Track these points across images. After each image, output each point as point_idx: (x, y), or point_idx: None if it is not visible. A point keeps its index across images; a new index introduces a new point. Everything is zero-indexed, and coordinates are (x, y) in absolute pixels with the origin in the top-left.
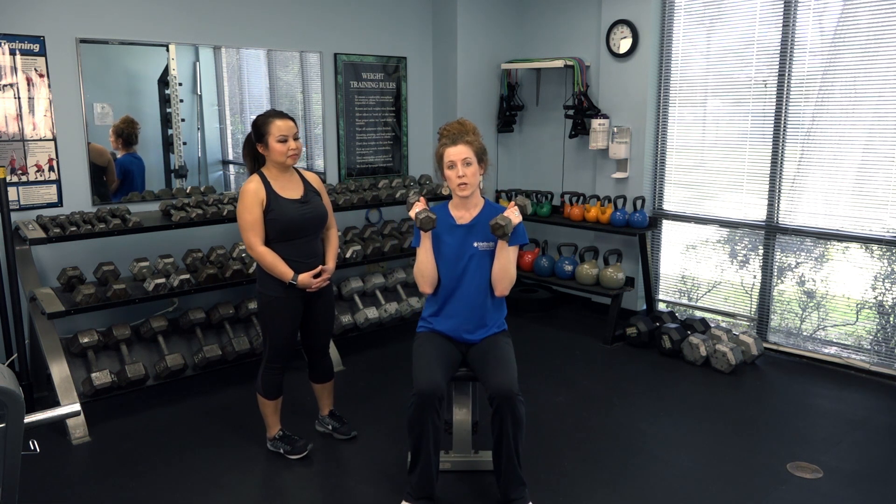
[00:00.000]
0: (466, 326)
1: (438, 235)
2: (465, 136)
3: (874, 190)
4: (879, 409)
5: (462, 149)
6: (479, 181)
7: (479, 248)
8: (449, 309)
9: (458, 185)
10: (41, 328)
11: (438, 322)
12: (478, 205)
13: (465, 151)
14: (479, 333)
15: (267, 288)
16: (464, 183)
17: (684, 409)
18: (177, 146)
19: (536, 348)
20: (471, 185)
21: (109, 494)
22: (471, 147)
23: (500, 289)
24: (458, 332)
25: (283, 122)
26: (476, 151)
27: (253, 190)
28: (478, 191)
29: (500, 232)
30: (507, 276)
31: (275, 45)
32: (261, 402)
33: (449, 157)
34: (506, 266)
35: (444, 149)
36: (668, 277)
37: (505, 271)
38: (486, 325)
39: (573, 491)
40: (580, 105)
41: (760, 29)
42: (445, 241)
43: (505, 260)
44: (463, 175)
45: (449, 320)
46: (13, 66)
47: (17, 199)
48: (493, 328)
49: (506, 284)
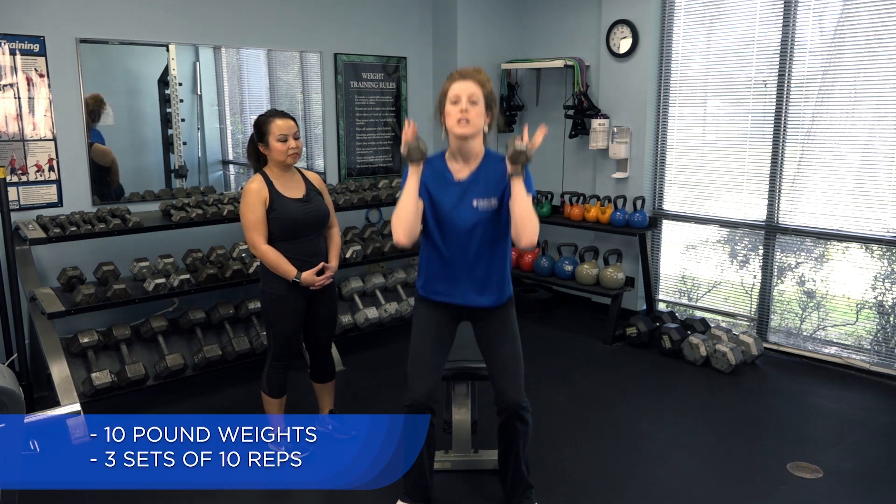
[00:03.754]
0: (467, 292)
1: (431, 192)
2: (479, 77)
3: (874, 190)
4: (879, 409)
5: (470, 85)
6: (484, 129)
7: (480, 208)
8: (448, 273)
9: (456, 122)
10: (41, 328)
11: (437, 287)
12: (478, 156)
13: (474, 88)
14: (482, 299)
15: (270, 287)
16: (465, 119)
17: (684, 409)
18: (177, 146)
19: (537, 348)
20: (473, 124)
21: (110, 494)
22: (481, 87)
23: (528, 237)
24: (458, 298)
25: (283, 121)
26: (486, 95)
27: (256, 189)
28: (480, 140)
29: (524, 158)
30: (531, 221)
31: (275, 46)
32: (265, 401)
33: (454, 90)
34: (528, 209)
35: (449, 83)
36: (669, 277)
37: (528, 215)
38: (488, 289)
39: (573, 491)
40: (580, 105)
41: (760, 29)
42: (440, 198)
43: (526, 201)
44: (466, 110)
45: (449, 285)
46: (13, 66)
47: (17, 199)
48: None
49: (531, 230)
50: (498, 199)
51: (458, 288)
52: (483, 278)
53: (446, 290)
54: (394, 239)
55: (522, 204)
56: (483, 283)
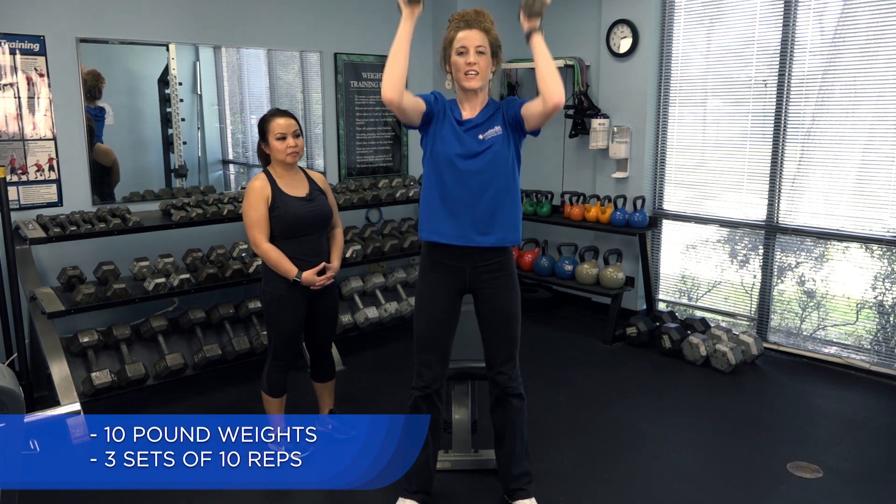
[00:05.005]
0: (469, 230)
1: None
2: (483, 23)
3: (874, 190)
4: (879, 409)
5: (477, 34)
6: (489, 78)
7: (487, 139)
8: (451, 207)
9: (465, 74)
10: (41, 328)
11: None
12: (483, 101)
13: (480, 38)
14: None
15: (271, 286)
16: (474, 71)
17: (684, 408)
18: (177, 146)
19: (536, 348)
20: (482, 75)
21: (110, 494)
22: (487, 35)
23: (555, 89)
24: (460, 238)
25: (282, 119)
26: (492, 42)
27: (258, 187)
28: (486, 89)
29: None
30: (554, 74)
31: (275, 45)
32: (265, 400)
33: (460, 41)
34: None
35: (455, 32)
36: (668, 277)
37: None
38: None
39: (573, 490)
40: (580, 105)
41: (760, 29)
42: (443, 132)
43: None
44: (475, 62)
45: (450, 221)
46: (13, 66)
47: (17, 198)
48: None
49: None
50: (502, 129)
51: (459, 226)
52: (487, 216)
53: (446, 231)
54: (382, 95)
55: (546, 59)
56: (487, 223)
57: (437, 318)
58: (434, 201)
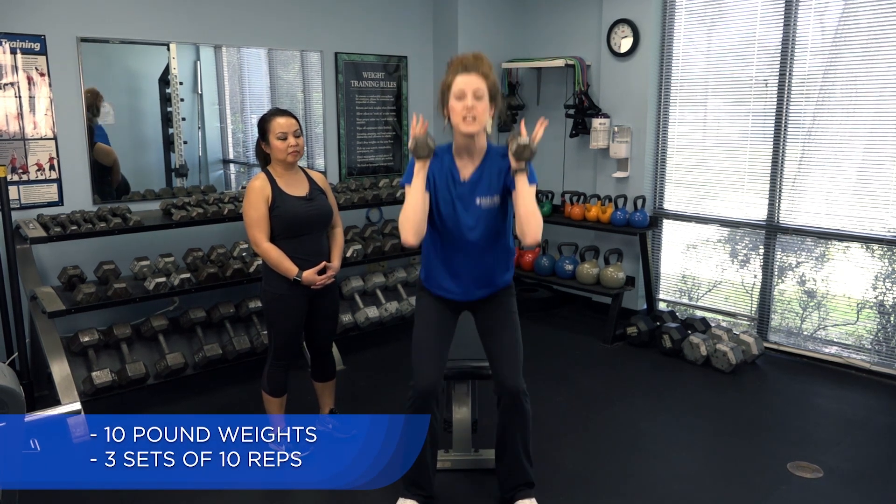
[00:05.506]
0: (469, 286)
1: (438, 189)
2: (481, 68)
3: (875, 189)
4: (880, 409)
5: (476, 79)
6: (488, 124)
7: (483, 206)
8: (452, 268)
9: (463, 119)
10: (42, 327)
11: (441, 280)
12: (481, 151)
13: (479, 83)
14: (482, 291)
15: (272, 285)
16: (472, 116)
17: (685, 408)
18: (177, 145)
19: (537, 348)
20: (479, 120)
21: (110, 494)
22: (485, 80)
23: (532, 234)
24: (462, 294)
25: (283, 119)
26: (490, 87)
27: (258, 187)
28: (484, 134)
29: (528, 153)
30: (535, 218)
31: (275, 45)
32: (266, 400)
33: (459, 85)
34: (532, 206)
35: (453, 77)
36: (669, 277)
37: (532, 212)
38: (492, 284)
39: (573, 490)
40: (581, 104)
41: (761, 28)
42: (445, 197)
43: (530, 199)
44: (472, 107)
45: (452, 280)
46: (14, 65)
47: (17, 198)
48: (498, 283)
49: (534, 227)
50: (500, 196)
51: (460, 284)
52: (485, 273)
53: (449, 287)
54: (402, 239)
55: (527, 202)
56: (485, 278)
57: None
58: (436, 261)
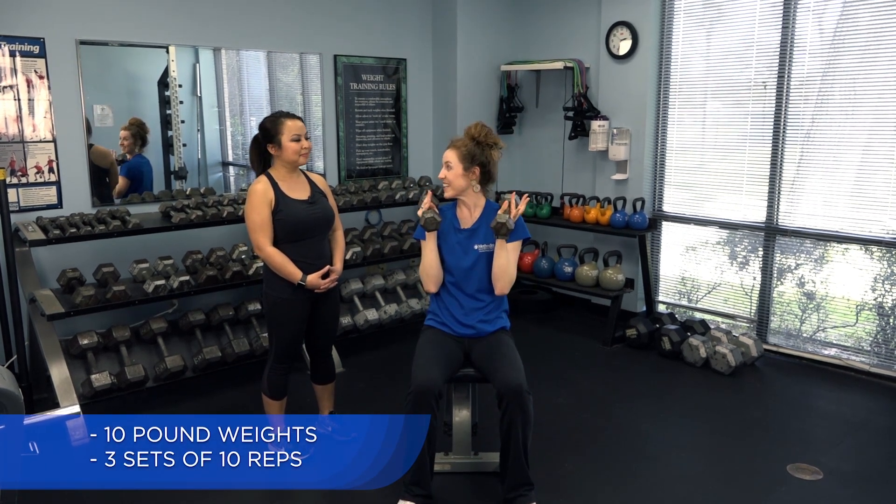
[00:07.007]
0: (469, 323)
1: (443, 234)
2: (456, 142)
3: (874, 191)
4: (879, 411)
5: (448, 152)
6: (473, 185)
7: (480, 251)
8: (452, 306)
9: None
10: (41, 330)
11: (443, 317)
12: (479, 205)
13: (449, 155)
14: (481, 329)
15: (274, 289)
16: (446, 182)
17: (684, 410)
18: (176, 148)
19: (536, 350)
20: (451, 185)
21: (110, 494)
22: (456, 151)
23: (500, 287)
24: (461, 329)
25: (293, 121)
26: (461, 156)
27: (261, 190)
28: (476, 193)
29: (504, 230)
30: (506, 275)
31: (275, 47)
32: (266, 403)
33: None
34: (505, 265)
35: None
36: (668, 279)
37: (504, 270)
38: (489, 321)
39: (573, 492)
40: (580, 107)
41: (760, 30)
42: (449, 241)
43: (504, 259)
44: (443, 177)
45: (453, 316)
46: (13, 68)
47: (16, 200)
48: (496, 325)
49: (505, 283)
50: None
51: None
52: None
53: (450, 322)
54: (425, 289)
55: (501, 261)
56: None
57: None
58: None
